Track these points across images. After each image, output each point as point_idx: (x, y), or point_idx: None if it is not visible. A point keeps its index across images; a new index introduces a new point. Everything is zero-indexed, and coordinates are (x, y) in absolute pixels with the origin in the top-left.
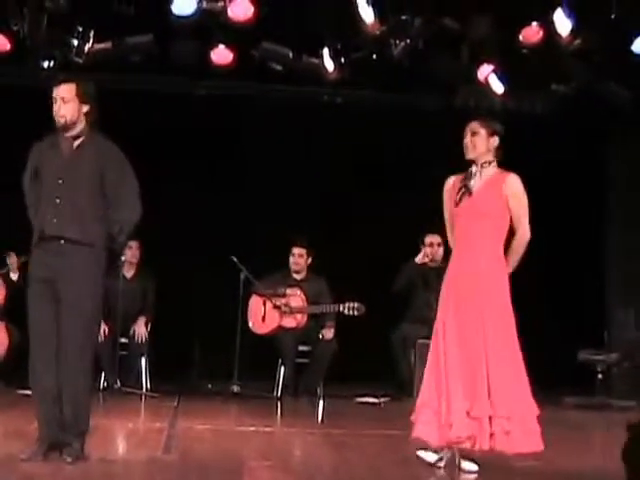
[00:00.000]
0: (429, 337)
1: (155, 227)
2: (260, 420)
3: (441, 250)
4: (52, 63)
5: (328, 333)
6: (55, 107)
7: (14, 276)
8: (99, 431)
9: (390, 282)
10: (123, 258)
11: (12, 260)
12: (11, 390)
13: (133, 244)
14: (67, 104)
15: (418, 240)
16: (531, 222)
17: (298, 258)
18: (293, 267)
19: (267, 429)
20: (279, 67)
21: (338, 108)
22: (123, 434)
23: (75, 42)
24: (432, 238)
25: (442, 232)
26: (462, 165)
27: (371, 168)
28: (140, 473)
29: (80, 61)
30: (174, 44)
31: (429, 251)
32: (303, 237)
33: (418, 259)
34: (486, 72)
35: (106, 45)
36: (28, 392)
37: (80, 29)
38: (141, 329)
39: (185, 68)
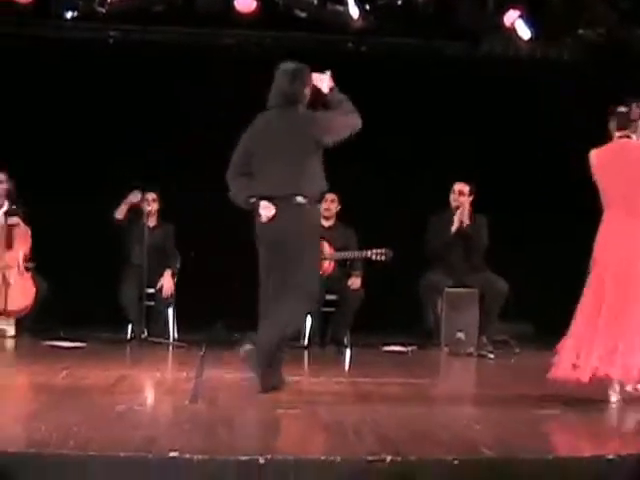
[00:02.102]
0: (457, 285)
1: (177, 176)
2: (287, 369)
3: (464, 198)
4: (75, 13)
5: (355, 282)
6: None
7: None
8: (126, 381)
9: (419, 229)
10: (148, 208)
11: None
12: (37, 342)
13: (151, 196)
14: None
15: (447, 187)
16: None
17: (330, 203)
18: (323, 213)
19: (294, 378)
20: (303, 15)
21: (363, 56)
22: (150, 384)
23: None
24: (460, 186)
25: (470, 180)
26: (490, 112)
27: (396, 116)
28: (167, 422)
29: (103, 11)
30: None
31: (454, 198)
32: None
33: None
34: (512, 18)
35: None
36: (54, 343)
37: None
38: (168, 282)
39: (209, 18)
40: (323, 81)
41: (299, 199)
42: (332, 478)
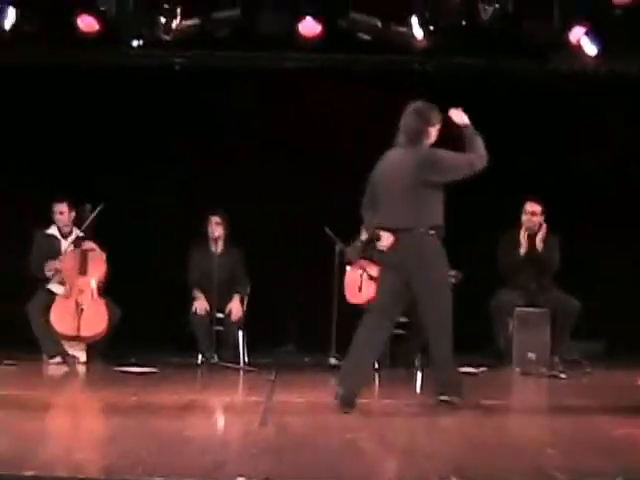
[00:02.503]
0: (527, 305)
1: (243, 200)
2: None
3: (537, 219)
4: (141, 42)
5: None
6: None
7: None
8: (196, 406)
9: (489, 249)
10: (216, 234)
11: None
12: (108, 367)
13: (214, 219)
14: None
15: (519, 207)
16: None
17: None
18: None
19: (364, 401)
20: (367, 37)
21: (429, 76)
22: (219, 408)
23: (162, 19)
24: (532, 206)
25: (540, 197)
26: (556, 128)
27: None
28: (235, 447)
29: (168, 38)
30: (261, 17)
31: (527, 218)
32: None
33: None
34: (578, 35)
35: (193, 21)
36: (125, 369)
37: (166, 6)
38: (236, 307)
39: (273, 41)
40: (458, 116)
41: (415, 231)
42: None
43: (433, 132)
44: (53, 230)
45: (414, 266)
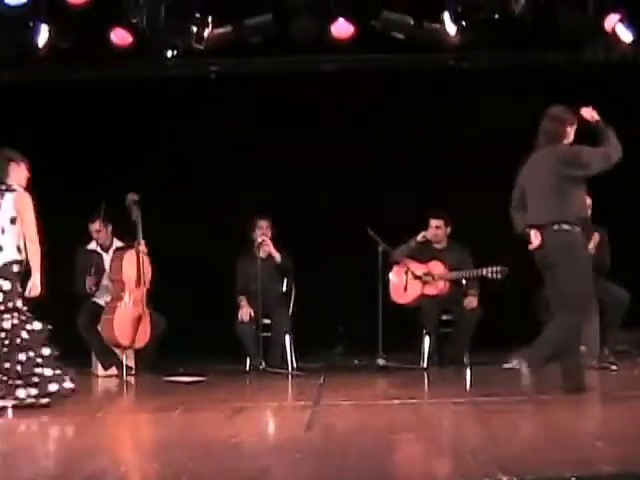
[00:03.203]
0: None
1: (286, 204)
2: (406, 392)
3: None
4: (174, 52)
5: (472, 302)
6: None
7: None
8: (243, 412)
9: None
10: (260, 240)
11: None
12: (157, 377)
13: (263, 224)
14: None
15: None
16: None
17: (436, 230)
18: (432, 238)
19: (412, 401)
20: (401, 36)
21: (465, 72)
22: (267, 414)
23: (194, 28)
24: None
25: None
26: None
27: (504, 130)
28: (281, 452)
29: (201, 47)
30: (293, 22)
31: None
32: (439, 208)
33: None
34: (613, 22)
35: (225, 29)
36: (173, 379)
37: (197, 15)
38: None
39: (306, 45)
40: (589, 114)
41: (559, 225)
42: None
43: (570, 131)
44: (93, 245)
45: (558, 258)
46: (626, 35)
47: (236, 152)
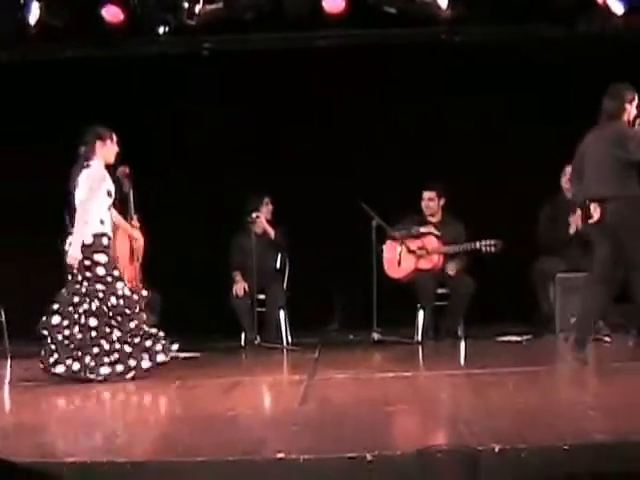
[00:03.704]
0: (569, 270)
1: (281, 180)
2: (401, 366)
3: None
4: (166, 29)
5: (451, 268)
6: None
7: None
8: (239, 387)
9: (528, 217)
10: (254, 215)
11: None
12: None
13: (267, 199)
14: None
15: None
16: None
17: (428, 202)
18: (425, 211)
19: (407, 374)
20: (393, 10)
21: (457, 46)
22: (263, 388)
23: (186, 5)
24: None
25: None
26: (587, 94)
27: (496, 105)
28: (276, 424)
29: (193, 23)
30: None
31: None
32: (434, 180)
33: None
34: None
35: (217, 5)
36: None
37: None
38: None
39: (298, 21)
40: None
41: (620, 199)
42: (439, 470)
43: (629, 108)
44: None
45: (623, 232)
46: (618, 7)
47: (229, 129)
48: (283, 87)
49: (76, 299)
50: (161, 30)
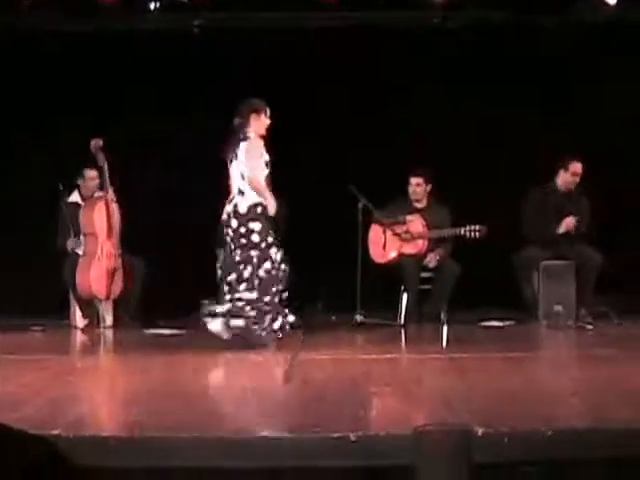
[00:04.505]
0: (552, 258)
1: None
2: (384, 348)
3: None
4: (158, 4)
5: (431, 259)
6: None
7: None
8: (224, 365)
9: (515, 204)
10: None
11: None
12: (137, 330)
13: None
14: None
15: (558, 163)
16: None
17: (415, 187)
18: (412, 196)
19: (389, 356)
20: None
21: (449, 31)
22: (246, 366)
23: None
24: (576, 167)
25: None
26: (579, 83)
27: (484, 91)
28: (260, 403)
29: (185, 0)
30: None
31: (565, 179)
32: (420, 166)
33: (560, 182)
34: None
35: None
36: (154, 331)
37: None
38: None
39: (292, 1)
40: None
41: None
42: (425, 449)
43: None
44: (76, 197)
45: None
46: None
47: (219, 107)
48: (273, 67)
49: (232, 266)
50: (152, 6)
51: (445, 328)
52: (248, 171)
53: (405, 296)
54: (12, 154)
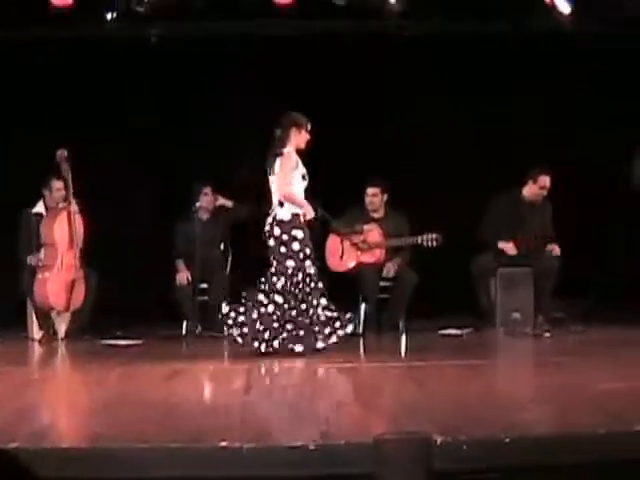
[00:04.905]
0: (509, 265)
1: (226, 170)
2: (343, 357)
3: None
4: (114, 14)
5: (389, 269)
6: None
7: None
8: (181, 375)
9: (469, 212)
10: (198, 204)
11: None
12: (94, 341)
13: (208, 190)
14: None
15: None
16: None
17: (372, 197)
18: (369, 206)
19: (349, 365)
20: (341, 2)
21: (404, 40)
22: (204, 377)
23: None
24: (545, 180)
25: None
26: (532, 92)
27: (440, 100)
28: (219, 413)
29: (142, 10)
30: None
31: (533, 190)
32: (376, 176)
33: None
34: None
35: None
36: (111, 342)
37: None
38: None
39: (248, 10)
40: None
41: None
42: (386, 457)
43: None
44: (40, 208)
45: None
46: (564, 6)
47: (174, 117)
48: (229, 76)
49: (272, 277)
50: (109, 16)
51: (404, 337)
52: (281, 186)
53: (364, 305)
54: None
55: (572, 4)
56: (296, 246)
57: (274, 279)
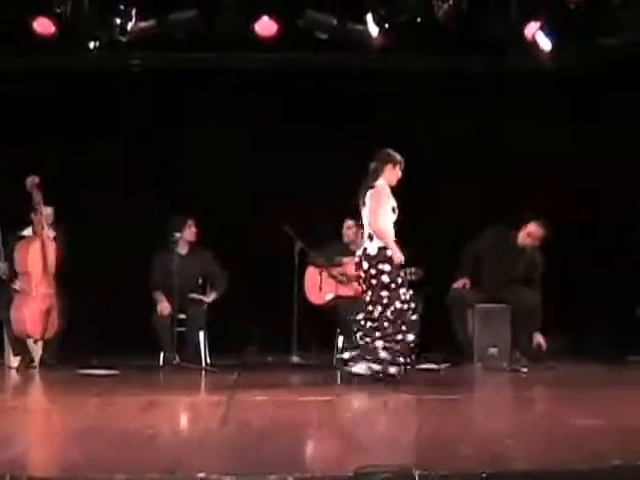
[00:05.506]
0: (486, 300)
1: (204, 201)
2: (320, 390)
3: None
4: (97, 43)
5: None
6: None
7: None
8: (157, 406)
9: (450, 247)
10: (178, 235)
11: None
12: (70, 370)
13: (191, 222)
14: None
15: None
16: None
17: (347, 230)
18: (345, 239)
19: (326, 398)
20: (324, 36)
21: (387, 74)
22: (181, 408)
23: (117, 21)
24: (534, 227)
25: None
26: (518, 126)
27: (424, 134)
28: (196, 445)
29: (124, 40)
30: (218, 18)
31: (522, 237)
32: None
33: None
34: (533, 30)
35: (149, 23)
36: (87, 372)
37: (121, 7)
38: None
39: (230, 42)
40: None
41: None
42: None
43: None
44: (29, 231)
45: None
46: (545, 43)
47: (153, 147)
48: (210, 107)
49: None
50: (92, 45)
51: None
52: (373, 220)
53: (341, 338)
54: None
55: (553, 41)
56: (385, 279)
57: (370, 308)
